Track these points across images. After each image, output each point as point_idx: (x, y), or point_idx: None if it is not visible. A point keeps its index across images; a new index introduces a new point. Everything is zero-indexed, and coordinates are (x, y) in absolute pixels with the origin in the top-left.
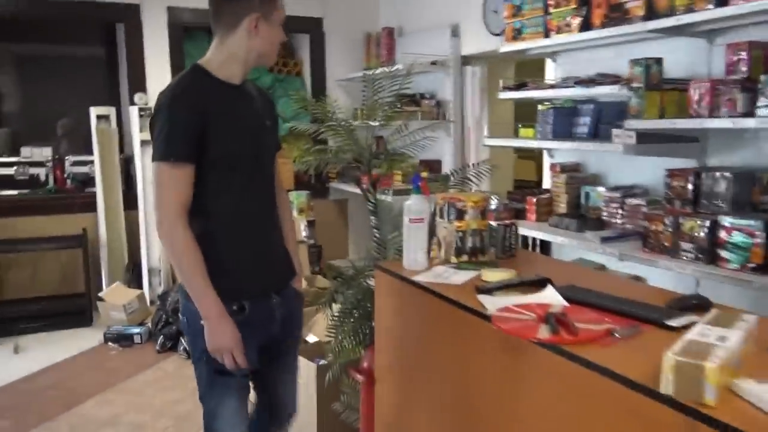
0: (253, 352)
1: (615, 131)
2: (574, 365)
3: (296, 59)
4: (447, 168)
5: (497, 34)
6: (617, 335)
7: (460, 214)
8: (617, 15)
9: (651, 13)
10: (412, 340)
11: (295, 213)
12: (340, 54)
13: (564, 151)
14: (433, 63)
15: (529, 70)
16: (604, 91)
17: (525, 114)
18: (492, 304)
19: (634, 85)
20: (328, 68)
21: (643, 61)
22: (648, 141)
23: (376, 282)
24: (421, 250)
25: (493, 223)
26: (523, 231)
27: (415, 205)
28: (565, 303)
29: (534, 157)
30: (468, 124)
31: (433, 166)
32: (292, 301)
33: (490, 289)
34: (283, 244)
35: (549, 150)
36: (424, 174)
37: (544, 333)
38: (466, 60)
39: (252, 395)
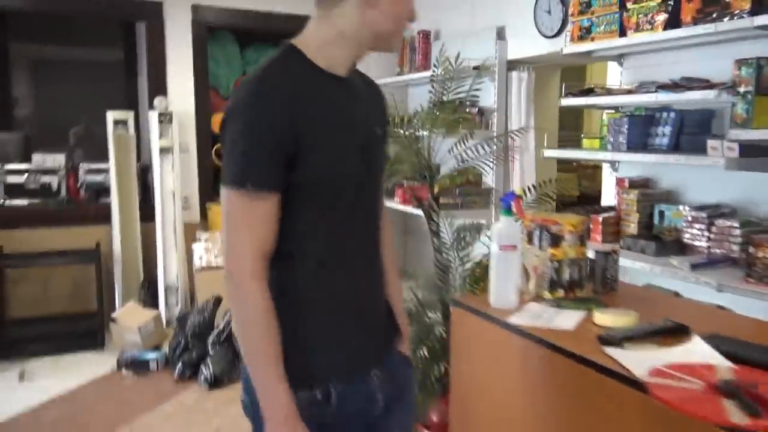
0: None
1: (712, 143)
2: None
3: None
4: (489, 181)
5: (550, 36)
6: None
7: (556, 240)
8: (714, 9)
9: (759, 7)
10: (506, 397)
11: None
12: (372, 58)
13: (629, 165)
14: (476, 68)
15: (571, 75)
16: (695, 97)
17: (568, 123)
18: (631, 361)
19: (742, 89)
20: None
21: (753, 61)
22: (752, 154)
23: (453, 321)
24: (513, 284)
25: (591, 251)
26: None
27: (506, 228)
28: (729, 363)
29: (574, 170)
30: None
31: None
32: (400, 375)
33: (617, 340)
34: (386, 295)
35: (613, 163)
36: (519, 191)
37: (735, 414)
38: (511, 65)
39: None
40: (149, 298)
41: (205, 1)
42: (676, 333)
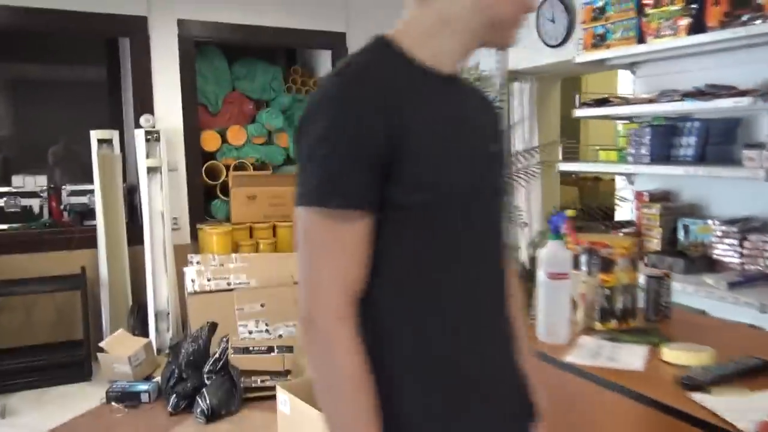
0: None
1: (748, 153)
2: None
3: (316, 78)
4: None
5: (554, 46)
6: None
7: (607, 265)
8: (743, 12)
9: None
10: None
11: None
12: None
13: (645, 177)
14: (477, 80)
15: (567, 86)
16: (725, 105)
17: (566, 134)
18: (727, 410)
19: None
20: None
21: None
22: None
23: None
24: (565, 316)
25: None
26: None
27: (555, 254)
28: None
29: (575, 183)
30: (515, 147)
31: None
32: None
33: (703, 383)
34: (517, 360)
35: (629, 176)
36: (570, 213)
37: None
38: (512, 76)
39: None
40: (139, 325)
41: (191, 15)
42: (762, 371)
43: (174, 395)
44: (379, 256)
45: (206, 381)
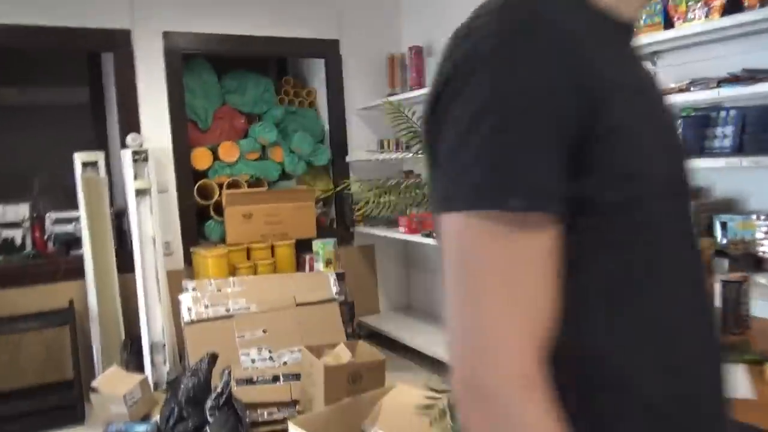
0: None
1: None
2: None
3: (309, 88)
4: None
5: None
6: None
7: None
8: None
9: None
10: None
11: (321, 266)
12: (361, 79)
13: None
14: None
15: None
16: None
17: None
18: None
19: None
20: (347, 96)
21: None
22: None
23: None
24: None
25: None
26: None
27: None
28: None
29: None
30: None
31: None
32: None
33: None
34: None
35: None
36: None
37: None
38: None
39: None
40: (133, 360)
41: (177, 27)
42: None
43: None
44: (568, 284)
45: (209, 418)
